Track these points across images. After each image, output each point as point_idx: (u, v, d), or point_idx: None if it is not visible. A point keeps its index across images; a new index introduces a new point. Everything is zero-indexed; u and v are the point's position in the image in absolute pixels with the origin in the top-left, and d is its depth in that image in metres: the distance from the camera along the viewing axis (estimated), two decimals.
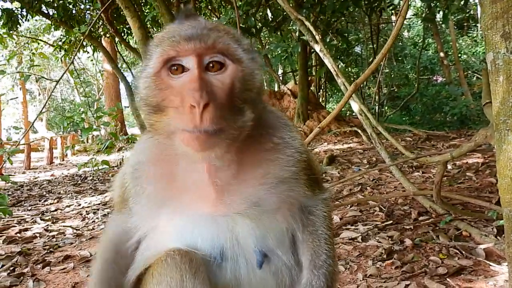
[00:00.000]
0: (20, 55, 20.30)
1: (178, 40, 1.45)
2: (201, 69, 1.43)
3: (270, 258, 1.66)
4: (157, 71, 1.48)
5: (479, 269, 3.78)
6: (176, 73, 1.46)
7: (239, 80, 1.47)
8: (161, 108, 1.49)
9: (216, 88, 1.42)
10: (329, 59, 5.97)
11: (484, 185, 6.22)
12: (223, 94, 1.42)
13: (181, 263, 1.50)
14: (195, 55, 1.43)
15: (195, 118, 1.35)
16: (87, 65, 32.72)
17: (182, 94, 1.41)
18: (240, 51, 1.49)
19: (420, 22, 23.38)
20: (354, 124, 14.33)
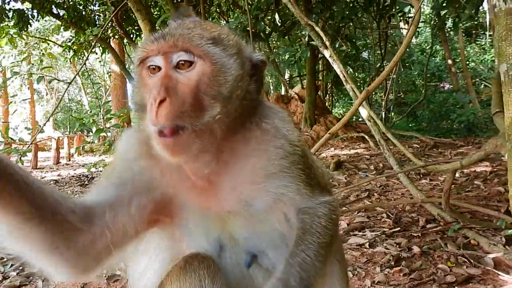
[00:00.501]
0: (29, 55, 20.43)
1: (147, 41, 1.52)
2: (168, 67, 1.47)
3: (260, 258, 1.66)
4: (138, 73, 1.57)
5: (488, 278, 3.78)
6: (152, 72, 1.51)
7: (207, 76, 1.46)
8: (142, 106, 1.55)
9: (182, 85, 1.44)
10: (339, 65, 5.99)
11: (493, 194, 6.20)
12: (188, 90, 1.43)
13: (199, 269, 1.51)
14: (161, 54, 1.48)
15: (152, 114, 1.38)
16: (94, 66, 32.89)
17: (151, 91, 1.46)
18: (208, 47, 1.49)
19: (428, 29, 23.36)
20: (361, 129, 14.32)
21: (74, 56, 16.93)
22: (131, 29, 15.63)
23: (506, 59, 2.63)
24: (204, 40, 1.49)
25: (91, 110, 8.19)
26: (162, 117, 1.36)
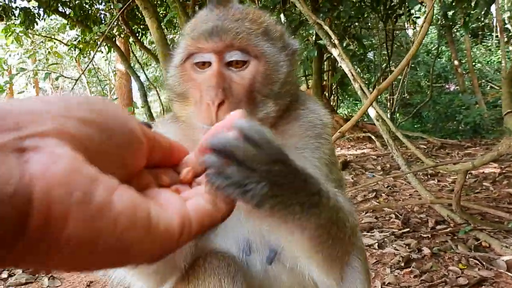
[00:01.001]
0: (34, 53, 20.46)
1: (198, 37, 1.45)
2: (220, 66, 1.42)
3: (281, 255, 1.61)
4: (181, 63, 1.51)
5: (501, 281, 3.71)
6: (201, 67, 1.46)
7: (260, 76, 1.45)
8: (185, 99, 1.51)
9: (236, 85, 1.41)
10: (348, 64, 5.93)
11: (503, 196, 6.12)
12: (242, 90, 1.41)
13: (219, 268, 1.46)
14: (214, 53, 1.43)
15: (210, 116, 1.35)
16: (100, 65, 32.95)
17: (202, 89, 1.42)
18: (263, 45, 1.46)
19: (435, 30, 23.24)
20: (367, 129, 14.24)
21: (79, 54, 16.92)
22: (137, 28, 15.60)
23: None
24: (259, 39, 1.46)
25: None
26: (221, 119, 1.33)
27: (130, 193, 0.61)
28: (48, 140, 0.54)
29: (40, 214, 0.50)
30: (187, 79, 1.50)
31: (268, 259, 1.59)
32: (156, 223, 0.62)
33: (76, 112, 0.60)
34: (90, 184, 0.55)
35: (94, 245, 0.54)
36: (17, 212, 0.49)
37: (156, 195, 0.72)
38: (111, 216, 0.56)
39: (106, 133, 0.63)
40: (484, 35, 27.26)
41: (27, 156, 0.52)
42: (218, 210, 0.74)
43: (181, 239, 0.66)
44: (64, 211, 0.51)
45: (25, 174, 0.50)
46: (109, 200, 0.56)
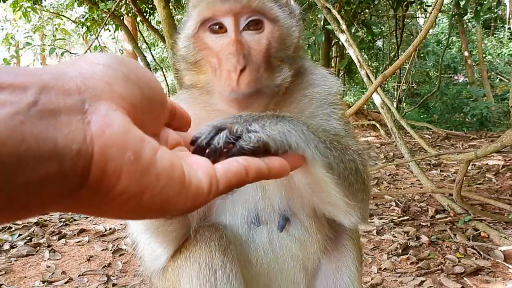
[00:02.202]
0: (42, 30, 20.41)
1: (214, 1, 1.44)
2: (238, 30, 1.42)
3: (292, 223, 1.64)
4: (195, 31, 1.50)
5: (497, 270, 3.72)
6: (216, 32, 1.46)
7: (276, 40, 1.46)
8: (200, 67, 1.51)
9: (253, 50, 1.41)
10: (355, 50, 5.88)
11: (505, 188, 6.10)
12: (260, 55, 1.42)
13: (210, 239, 1.48)
14: (231, 15, 1.42)
15: (232, 82, 1.35)
16: (107, 44, 32.86)
17: (220, 56, 1.41)
18: (277, 9, 1.48)
19: (446, 19, 22.93)
20: (372, 117, 14.17)
21: (87, 32, 16.86)
22: (144, 7, 15.48)
23: None
24: (273, 3, 1.47)
25: None
26: (244, 85, 1.35)
27: (168, 153, 0.69)
28: (103, 103, 0.61)
29: (98, 169, 0.58)
30: (203, 47, 1.49)
31: (280, 226, 1.62)
32: (189, 181, 0.69)
33: (117, 72, 0.66)
34: (139, 144, 0.63)
35: (140, 197, 0.62)
36: (81, 167, 0.57)
37: (186, 156, 0.81)
38: (155, 173, 0.63)
39: (141, 89, 0.70)
40: (496, 27, 26.88)
41: (88, 118, 0.59)
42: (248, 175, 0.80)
43: (210, 196, 0.74)
44: (118, 168, 0.59)
45: (86, 134, 0.58)
46: (153, 159, 0.64)
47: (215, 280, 1.43)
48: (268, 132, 0.99)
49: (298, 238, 1.64)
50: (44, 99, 0.56)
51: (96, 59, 0.67)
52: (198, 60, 1.51)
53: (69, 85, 0.59)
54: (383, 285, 3.61)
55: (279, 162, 0.89)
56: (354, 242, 1.77)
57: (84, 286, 3.82)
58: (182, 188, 0.68)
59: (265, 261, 1.63)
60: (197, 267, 1.45)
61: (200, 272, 1.44)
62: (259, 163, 0.83)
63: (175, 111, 0.86)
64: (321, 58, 14.73)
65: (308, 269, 1.72)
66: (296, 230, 1.64)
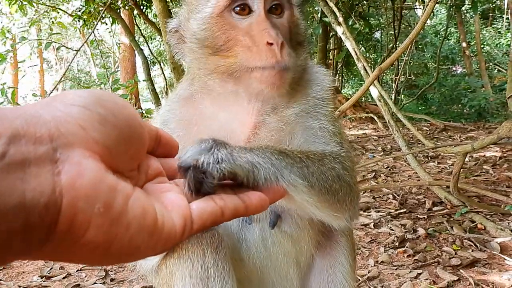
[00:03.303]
0: (39, 24, 20.30)
1: None
2: (265, 11, 1.48)
3: (283, 219, 1.65)
4: (220, 11, 1.49)
5: (494, 262, 3.74)
6: (241, 14, 1.48)
7: (293, 24, 1.58)
8: (225, 49, 1.49)
9: (280, 30, 1.48)
10: (352, 42, 5.86)
11: (502, 179, 6.12)
12: (286, 35, 1.50)
13: (202, 238, 1.48)
14: None
15: (275, 55, 1.39)
16: (104, 37, 32.66)
17: (252, 34, 1.44)
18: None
19: (444, 10, 22.85)
20: (370, 110, 14.15)
21: (83, 25, 16.76)
22: (141, 0, 15.39)
23: None
24: None
25: (98, 80, 8.15)
26: (285, 56, 1.41)
27: (142, 198, 0.69)
28: (76, 150, 0.60)
29: (66, 221, 0.58)
30: (229, 27, 1.48)
31: (271, 222, 1.62)
32: (162, 225, 0.69)
33: (93, 114, 0.65)
34: (110, 194, 0.62)
35: (108, 246, 0.62)
36: (48, 220, 0.56)
37: (163, 194, 0.79)
38: (125, 223, 0.63)
39: (118, 129, 0.68)
40: (494, 17, 26.79)
41: (59, 168, 0.58)
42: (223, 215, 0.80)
43: (183, 237, 0.74)
44: (87, 220, 0.59)
45: (56, 186, 0.57)
46: (124, 208, 0.64)
47: (207, 277, 1.43)
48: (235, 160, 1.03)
49: (290, 235, 1.65)
50: (13, 150, 0.54)
51: (72, 99, 0.65)
52: (223, 42, 1.49)
53: (41, 131, 0.58)
54: (380, 278, 3.63)
55: (258, 198, 0.88)
56: (347, 238, 1.77)
57: (82, 281, 3.83)
58: (153, 234, 0.67)
59: (258, 259, 1.63)
60: (189, 265, 1.46)
61: (193, 270, 1.44)
62: (236, 202, 0.83)
63: (160, 139, 0.85)
64: (319, 50, 14.68)
65: (301, 265, 1.73)
66: (288, 226, 1.65)
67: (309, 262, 1.75)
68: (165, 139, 0.87)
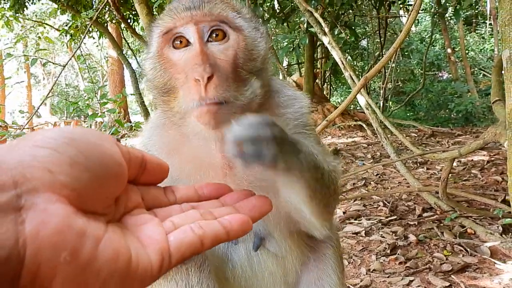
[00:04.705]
0: (25, 39, 20.23)
1: (175, 9, 1.43)
2: (202, 40, 1.39)
3: (267, 241, 1.63)
4: (159, 48, 1.46)
5: (484, 267, 3.78)
6: (179, 47, 1.42)
7: (242, 50, 1.43)
8: (169, 88, 1.46)
9: (220, 60, 1.38)
10: (338, 52, 5.92)
11: (490, 183, 6.19)
12: (227, 65, 1.38)
13: None
14: (193, 23, 1.39)
15: (200, 91, 1.31)
16: (92, 51, 32.61)
17: (186, 69, 1.37)
18: (240, 20, 1.46)
19: (428, 17, 23.19)
20: (358, 118, 14.25)
21: (70, 40, 16.73)
22: (128, 13, 15.41)
23: (509, 45, 2.57)
24: (235, 14, 1.45)
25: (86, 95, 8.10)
26: (212, 92, 1.31)
27: (113, 240, 0.65)
28: (42, 196, 0.57)
29: (30, 274, 0.54)
30: (169, 65, 1.44)
31: (255, 245, 1.60)
32: (136, 265, 0.66)
33: (63, 156, 0.62)
34: (78, 240, 0.58)
35: None
36: (10, 274, 0.53)
37: (140, 227, 0.75)
38: (95, 268, 0.59)
39: (90, 171, 0.65)
40: (477, 23, 27.25)
41: (23, 216, 0.55)
42: (203, 245, 0.77)
43: (161, 272, 0.70)
44: (52, 271, 0.55)
45: (19, 237, 0.53)
46: (94, 254, 0.60)
47: None
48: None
49: (275, 255, 1.63)
50: None
51: (41, 141, 0.62)
52: (166, 81, 1.46)
53: (4, 178, 0.55)
54: (372, 286, 3.64)
55: (239, 221, 0.82)
56: (334, 250, 1.76)
57: None
58: (127, 276, 0.64)
59: (243, 279, 1.62)
60: (174, 284, 1.44)
61: None
62: (216, 229, 0.79)
63: (145, 166, 0.81)
64: (306, 60, 14.80)
65: (289, 283, 1.71)
66: (273, 248, 1.63)
67: (297, 278, 1.74)
68: (151, 165, 0.83)
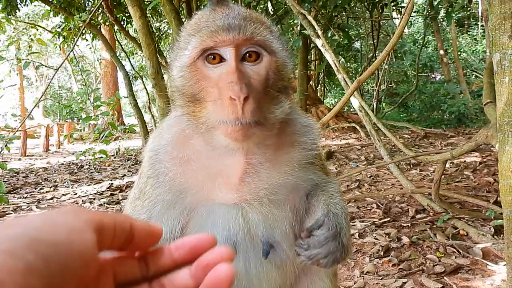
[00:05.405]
0: (18, 41, 20.11)
1: (217, 30, 1.44)
2: (238, 60, 1.43)
3: (275, 249, 1.64)
4: (193, 60, 1.48)
5: (476, 268, 3.80)
6: (213, 62, 1.45)
7: (273, 71, 1.47)
8: (198, 99, 1.48)
9: (253, 80, 1.42)
10: (331, 54, 5.94)
11: (482, 184, 6.23)
12: (260, 85, 1.43)
13: None
14: (233, 46, 1.43)
15: (236, 111, 1.35)
16: (85, 53, 32.49)
17: (220, 86, 1.40)
18: (275, 42, 1.50)
19: (421, 19, 23.34)
20: (352, 120, 14.32)
21: (63, 42, 16.67)
22: (121, 15, 15.37)
23: (499, 49, 2.60)
24: (270, 35, 1.49)
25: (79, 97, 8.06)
26: (248, 113, 1.35)
27: None
28: None
29: None
30: (201, 77, 1.47)
31: (265, 252, 1.61)
32: None
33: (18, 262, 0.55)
34: None
35: None
36: None
37: None
38: None
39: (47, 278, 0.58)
40: (469, 25, 27.46)
41: None
42: None
43: None
44: None
45: None
46: None
47: None
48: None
49: (276, 264, 1.65)
50: None
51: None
52: (196, 92, 1.48)
53: None
54: None
55: None
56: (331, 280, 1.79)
57: None
58: None
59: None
60: None
61: None
62: None
63: (132, 236, 0.76)
64: (300, 62, 14.83)
65: None
66: (277, 256, 1.65)
67: (292, 284, 1.76)
68: (140, 233, 0.78)
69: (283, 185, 1.62)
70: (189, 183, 1.57)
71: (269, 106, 1.45)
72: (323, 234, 1.47)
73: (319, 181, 1.73)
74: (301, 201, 1.70)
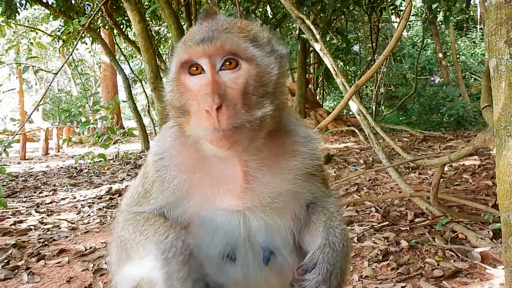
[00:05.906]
0: (17, 45, 20.13)
1: (190, 44, 1.51)
2: (213, 71, 1.47)
3: (276, 256, 1.68)
4: (175, 75, 1.56)
5: (475, 272, 3.80)
6: (195, 73, 1.51)
7: (253, 78, 1.50)
8: (184, 111, 1.55)
9: (230, 88, 1.46)
10: (329, 58, 5.95)
11: (481, 188, 6.24)
12: (237, 92, 1.46)
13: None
14: (206, 57, 1.48)
15: (212, 121, 1.40)
16: (84, 56, 32.52)
17: (198, 98, 1.47)
18: (252, 49, 1.52)
19: (420, 23, 23.39)
20: (351, 123, 14.33)
21: (63, 46, 16.69)
22: (121, 19, 15.42)
23: (495, 54, 2.61)
24: (248, 44, 1.52)
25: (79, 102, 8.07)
26: (223, 122, 1.40)
27: None
28: None
29: None
30: (184, 90, 1.54)
31: (265, 258, 1.65)
32: None
33: None
34: None
35: None
36: None
37: None
38: None
39: None
40: (468, 28, 27.51)
41: None
42: None
43: None
44: None
45: None
46: None
47: None
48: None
49: (276, 271, 1.69)
50: None
51: None
52: (182, 104, 1.55)
53: None
54: None
55: None
56: None
57: None
58: None
59: None
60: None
61: None
62: None
63: None
64: (298, 66, 14.85)
65: None
66: (277, 263, 1.69)
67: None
68: None
69: (285, 193, 1.66)
70: (192, 189, 1.63)
71: (249, 110, 1.47)
72: (314, 279, 1.52)
73: (319, 193, 1.77)
74: (301, 209, 1.74)
